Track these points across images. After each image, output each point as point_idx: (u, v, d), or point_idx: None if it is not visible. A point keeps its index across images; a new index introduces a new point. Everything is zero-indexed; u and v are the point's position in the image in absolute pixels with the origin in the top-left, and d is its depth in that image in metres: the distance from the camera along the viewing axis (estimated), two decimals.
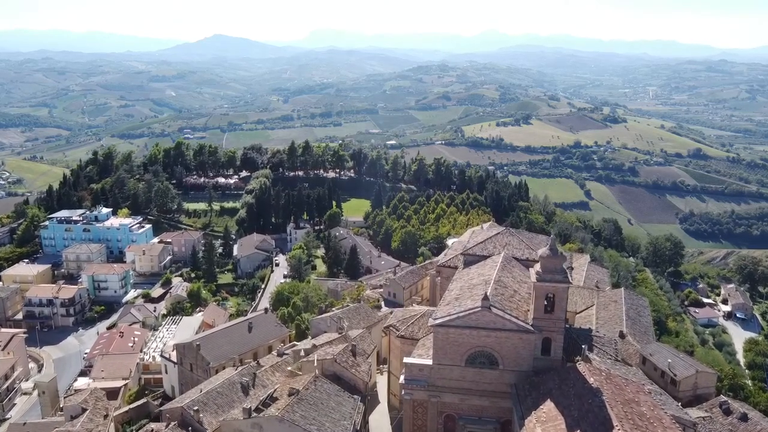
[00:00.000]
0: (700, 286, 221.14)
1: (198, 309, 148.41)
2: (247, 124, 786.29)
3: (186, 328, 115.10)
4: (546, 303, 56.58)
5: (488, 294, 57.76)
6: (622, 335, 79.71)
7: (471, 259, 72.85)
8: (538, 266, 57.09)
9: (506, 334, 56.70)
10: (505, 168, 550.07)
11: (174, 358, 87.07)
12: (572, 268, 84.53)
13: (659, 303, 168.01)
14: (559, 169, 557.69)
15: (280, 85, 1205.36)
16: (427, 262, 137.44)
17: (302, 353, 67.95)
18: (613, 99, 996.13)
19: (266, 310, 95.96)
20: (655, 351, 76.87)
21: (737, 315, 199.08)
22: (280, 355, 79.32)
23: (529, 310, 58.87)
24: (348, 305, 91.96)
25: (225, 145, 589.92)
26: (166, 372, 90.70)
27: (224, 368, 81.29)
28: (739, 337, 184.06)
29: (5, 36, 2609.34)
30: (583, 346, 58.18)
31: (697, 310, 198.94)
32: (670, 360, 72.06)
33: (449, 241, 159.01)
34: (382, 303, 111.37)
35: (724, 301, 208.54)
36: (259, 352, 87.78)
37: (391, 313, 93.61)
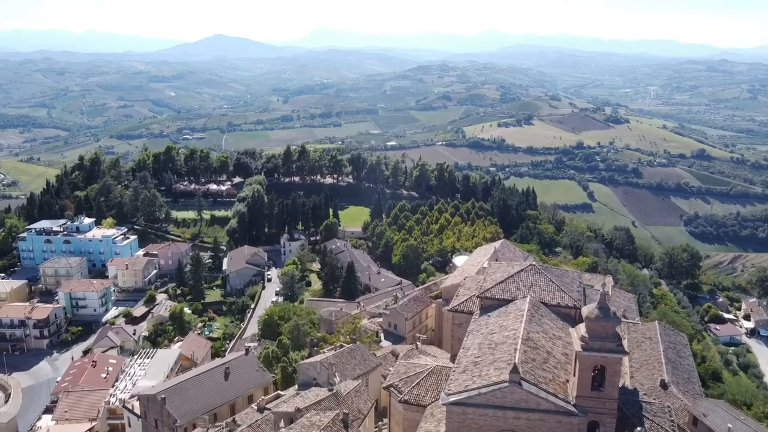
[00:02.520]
0: (720, 299, 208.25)
1: (176, 339, 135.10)
2: (247, 125, 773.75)
3: (160, 364, 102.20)
4: (593, 375, 43.87)
5: (517, 361, 45.05)
6: (664, 385, 67.44)
7: (489, 303, 59.94)
8: (582, 329, 44.34)
9: (541, 416, 43.99)
10: (507, 169, 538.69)
11: (137, 410, 74.50)
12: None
13: (681, 323, 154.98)
14: (562, 170, 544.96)
15: (279, 85, 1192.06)
16: (430, 282, 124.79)
17: (282, 425, 55.24)
18: (614, 99, 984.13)
19: (247, 351, 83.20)
20: (709, 410, 64.45)
21: (761, 332, 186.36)
22: (260, 410, 67.05)
23: (568, 382, 46.16)
24: (341, 345, 79.30)
25: (224, 146, 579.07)
26: (130, 425, 78.05)
27: (195, 427, 68.99)
28: (764, 357, 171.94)
29: (5, 36, 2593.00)
30: (637, 429, 45.32)
31: (718, 327, 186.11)
32: (730, 425, 59.76)
33: (456, 260, 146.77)
34: (382, 336, 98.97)
35: (746, 317, 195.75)
36: (237, 402, 75.34)
37: (392, 354, 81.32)
